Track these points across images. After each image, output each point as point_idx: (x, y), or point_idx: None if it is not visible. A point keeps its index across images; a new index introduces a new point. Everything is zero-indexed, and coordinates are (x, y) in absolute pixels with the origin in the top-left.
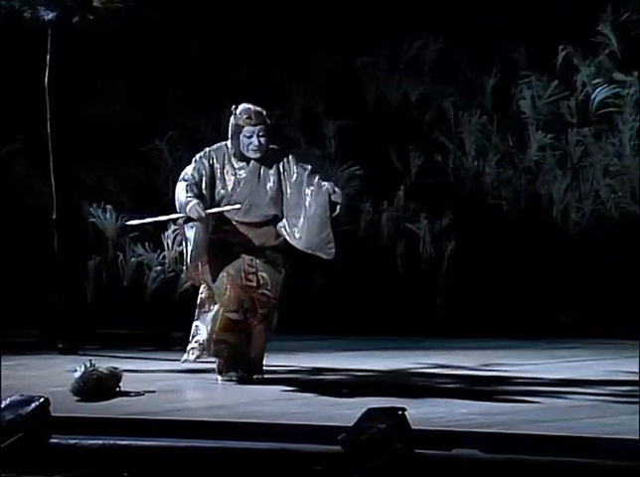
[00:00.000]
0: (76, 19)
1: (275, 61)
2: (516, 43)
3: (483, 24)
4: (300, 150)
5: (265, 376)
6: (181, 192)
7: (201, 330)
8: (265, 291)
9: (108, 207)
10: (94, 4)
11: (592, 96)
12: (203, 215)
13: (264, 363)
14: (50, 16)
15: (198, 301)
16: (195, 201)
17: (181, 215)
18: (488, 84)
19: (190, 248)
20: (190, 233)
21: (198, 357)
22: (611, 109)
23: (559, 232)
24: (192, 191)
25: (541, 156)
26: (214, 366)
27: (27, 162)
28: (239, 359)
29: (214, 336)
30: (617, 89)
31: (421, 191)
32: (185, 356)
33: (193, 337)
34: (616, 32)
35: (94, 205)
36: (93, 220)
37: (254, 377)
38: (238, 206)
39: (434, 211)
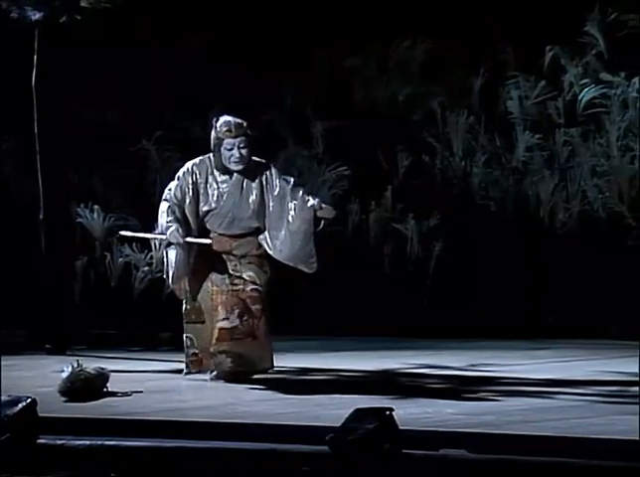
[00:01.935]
0: (63, 19)
1: (264, 61)
2: (503, 43)
3: (471, 25)
4: (288, 150)
5: (253, 377)
6: (162, 214)
7: (195, 342)
8: (255, 287)
9: (96, 207)
10: (82, 4)
11: (580, 97)
12: (181, 241)
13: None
14: (37, 16)
15: (183, 311)
16: (174, 226)
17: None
18: (476, 85)
19: (172, 271)
20: (171, 254)
21: (199, 371)
22: (598, 110)
23: (546, 232)
24: (173, 213)
25: (528, 156)
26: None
27: (14, 163)
28: (243, 367)
29: (211, 349)
30: (604, 90)
31: (409, 191)
32: (185, 369)
33: (187, 348)
34: (603, 32)
35: (82, 205)
36: (81, 220)
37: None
38: (209, 241)
39: (422, 211)
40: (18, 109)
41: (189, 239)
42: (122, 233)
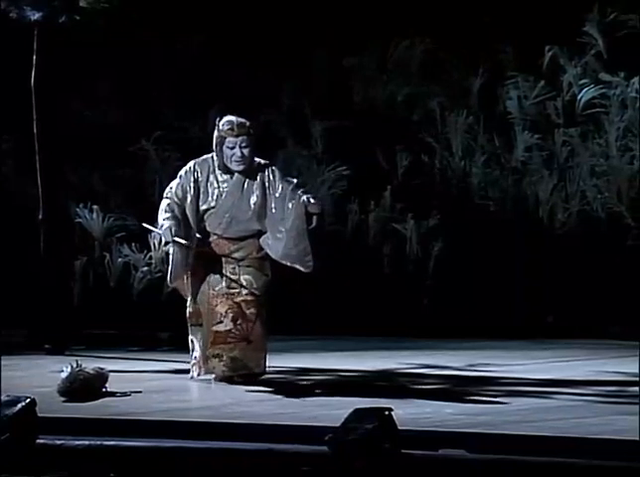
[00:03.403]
0: (62, 19)
1: (264, 61)
2: (503, 43)
3: (470, 25)
4: (287, 150)
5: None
6: (161, 212)
7: (195, 345)
8: (252, 290)
9: (95, 207)
10: (81, 4)
11: (579, 97)
12: (170, 240)
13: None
14: (36, 16)
15: (187, 315)
16: (168, 224)
17: None
18: (475, 85)
19: (170, 268)
20: (170, 252)
21: (199, 374)
22: (597, 110)
23: (545, 232)
24: (171, 211)
25: (527, 156)
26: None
27: (14, 163)
28: (237, 370)
29: (206, 352)
30: (603, 90)
31: (408, 191)
32: (190, 372)
33: (192, 352)
34: (602, 32)
35: (81, 205)
36: (80, 220)
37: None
38: (187, 243)
39: (421, 211)
40: (17, 109)
41: (177, 240)
42: (144, 224)
